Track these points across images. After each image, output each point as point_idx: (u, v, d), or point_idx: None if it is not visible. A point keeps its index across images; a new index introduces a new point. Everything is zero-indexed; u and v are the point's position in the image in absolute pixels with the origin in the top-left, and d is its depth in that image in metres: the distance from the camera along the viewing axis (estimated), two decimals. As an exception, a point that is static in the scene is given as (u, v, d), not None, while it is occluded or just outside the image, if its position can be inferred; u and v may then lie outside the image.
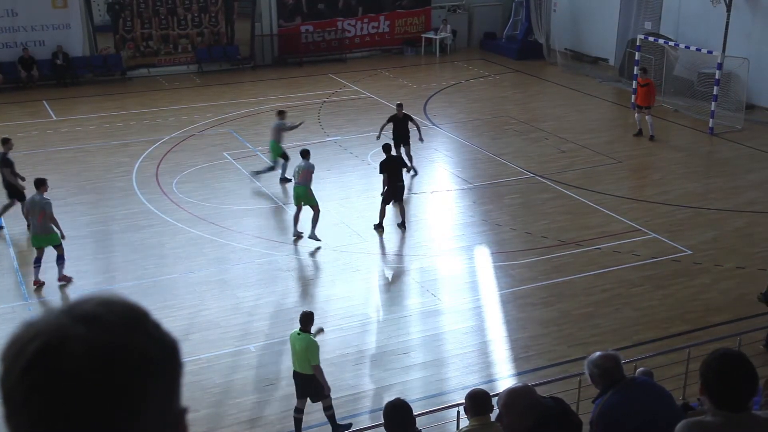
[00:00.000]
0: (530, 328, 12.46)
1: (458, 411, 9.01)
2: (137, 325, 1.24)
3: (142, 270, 14.19)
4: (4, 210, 15.77)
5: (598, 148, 20.38)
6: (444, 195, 17.76)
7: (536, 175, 18.52)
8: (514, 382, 10.41)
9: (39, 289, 13.50)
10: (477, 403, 6.07)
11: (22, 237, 15.18)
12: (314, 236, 15.10)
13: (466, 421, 6.34)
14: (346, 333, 12.26)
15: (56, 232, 13.48)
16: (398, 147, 17.89)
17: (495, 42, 31.60)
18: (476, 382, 10.63)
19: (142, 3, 27.42)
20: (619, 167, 19.30)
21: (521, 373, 11.32)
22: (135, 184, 18.01)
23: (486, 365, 11.62)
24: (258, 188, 17.85)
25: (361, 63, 29.76)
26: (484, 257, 14.86)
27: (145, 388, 1.20)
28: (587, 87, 26.33)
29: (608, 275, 13.98)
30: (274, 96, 25.16)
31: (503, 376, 11.33)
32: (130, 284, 13.50)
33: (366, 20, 30.71)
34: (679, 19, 25.28)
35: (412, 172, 18.25)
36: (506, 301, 13.26)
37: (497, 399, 5.53)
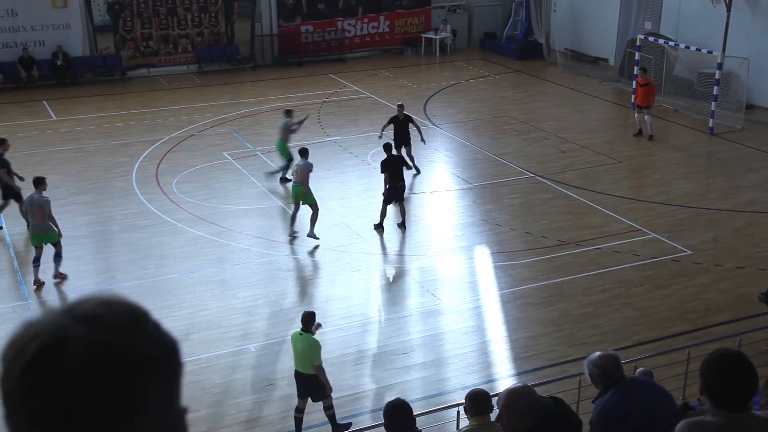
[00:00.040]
0: (530, 328, 12.46)
1: (458, 411, 9.01)
2: (137, 325, 1.24)
3: (142, 270, 14.20)
4: None
5: (598, 148, 20.38)
6: (444, 195, 17.75)
7: (536, 175, 18.52)
8: (514, 382, 10.41)
9: (39, 289, 13.50)
10: (477, 403, 6.07)
11: (22, 237, 15.18)
12: (313, 235, 15.09)
13: (466, 421, 6.34)
14: (346, 333, 12.26)
15: (54, 230, 13.52)
16: (399, 148, 17.87)
17: (495, 42, 31.60)
18: (476, 382, 10.64)
19: (142, 3, 27.42)
20: (619, 167, 19.31)
21: (521, 373, 11.32)
22: (135, 184, 18.02)
23: (486, 365, 11.62)
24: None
25: (361, 63, 29.76)
26: (484, 257, 14.86)
27: (145, 388, 1.20)
28: (587, 87, 26.32)
29: (608, 275, 13.98)
30: (274, 96, 25.16)
31: (503, 376, 11.34)
32: (130, 284, 13.50)
33: (366, 20, 30.71)
34: (679, 19, 25.28)
35: (414, 171, 18.25)
36: (506, 301, 13.26)
37: (497, 399, 5.53)
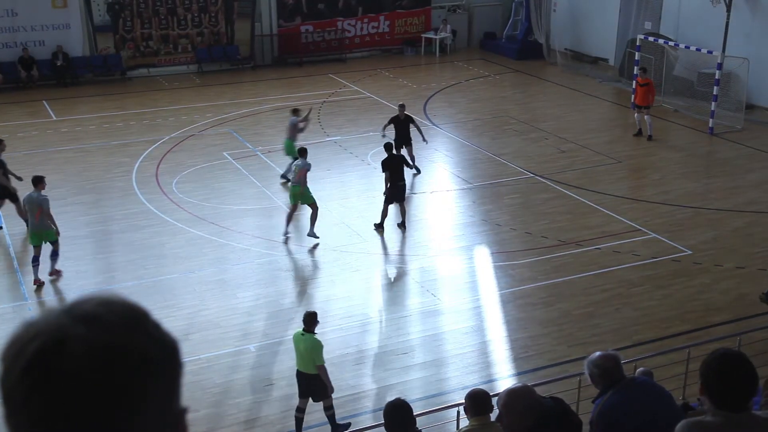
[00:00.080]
0: (530, 328, 12.46)
1: (458, 411, 9.01)
2: (137, 325, 1.24)
3: (142, 270, 14.20)
4: None
5: (598, 148, 20.38)
6: (444, 195, 17.75)
7: (536, 175, 18.52)
8: (514, 382, 10.41)
9: (39, 289, 13.50)
10: (477, 403, 6.07)
11: (22, 237, 15.17)
12: (312, 234, 15.10)
13: (466, 421, 6.34)
14: (346, 333, 12.25)
15: (52, 229, 13.54)
16: (399, 148, 17.86)
17: (495, 42, 31.59)
18: (476, 382, 10.63)
19: (142, 3, 27.42)
20: (619, 167, 19.31)
21: (521, 373, 11.32)
22: (135, 184, 18.01)
23: (486, 365, 11.62)
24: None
25: (361, 63, 29.75)
26: (484, 257, 14.86)
27: (145, 388, 1.20)
28: (587, 87, 26.32)
29: (608, 275, 13.98)
30: (274, 96, 25.16)
31: (503, 376, 11.33)
32: (130, 284, 13.51)
33: (366, 20, 30.71)
34: (679, 19, 25.28)
35: (415, 171, 18.25)
36: (506, 301, 13.26)
37: (497, 399, 5.53)
